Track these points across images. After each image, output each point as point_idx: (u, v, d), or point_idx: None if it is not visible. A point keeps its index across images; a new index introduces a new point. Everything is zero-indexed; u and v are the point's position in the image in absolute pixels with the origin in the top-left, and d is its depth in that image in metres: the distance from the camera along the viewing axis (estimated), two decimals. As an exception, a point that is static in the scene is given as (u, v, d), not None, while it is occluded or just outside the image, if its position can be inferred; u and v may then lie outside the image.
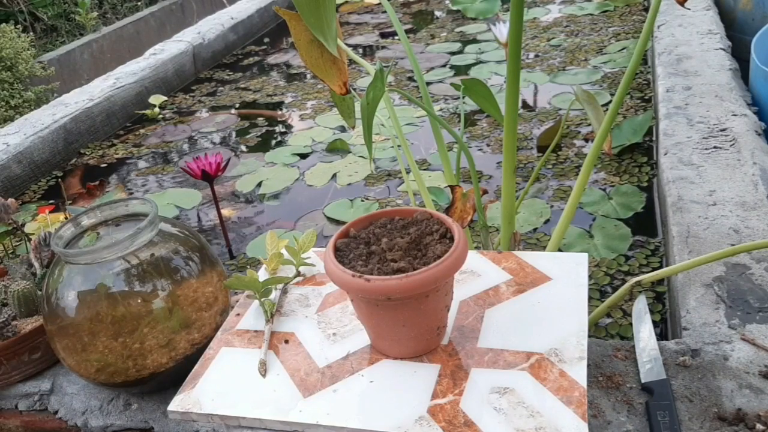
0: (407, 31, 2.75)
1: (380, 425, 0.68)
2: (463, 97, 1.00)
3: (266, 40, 2.98)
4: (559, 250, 1.05)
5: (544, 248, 1.26)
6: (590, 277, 1.15)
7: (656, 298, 1.08)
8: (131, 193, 1.75)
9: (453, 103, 1.99)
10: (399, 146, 1.60)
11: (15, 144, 1.83)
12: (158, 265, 0.80)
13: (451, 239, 0.73)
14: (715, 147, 1.21)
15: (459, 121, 1.82)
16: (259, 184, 1.69)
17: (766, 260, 0.90)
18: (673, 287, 0.97)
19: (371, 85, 0.79)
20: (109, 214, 0.85)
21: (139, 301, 0.78)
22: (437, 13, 3.00)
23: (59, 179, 1.87)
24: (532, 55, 2.28)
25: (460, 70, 2.26)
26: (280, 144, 1.92)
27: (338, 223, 1.47)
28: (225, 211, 1.58)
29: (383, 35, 2.82)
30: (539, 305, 0.81)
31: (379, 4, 3.16)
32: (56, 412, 0.86)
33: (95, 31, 3.68)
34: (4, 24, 2.91)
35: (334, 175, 1.68)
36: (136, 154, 1.98)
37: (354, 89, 2.19)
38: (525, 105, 1.92)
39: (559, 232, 1.01)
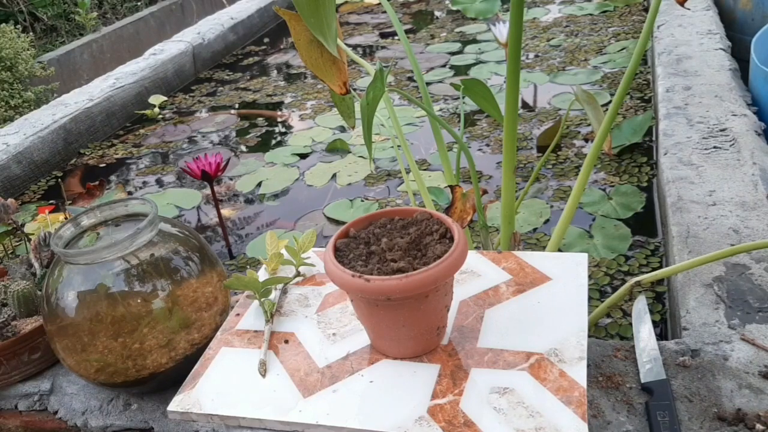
0: (407, 31, 2.75)
1: (380, 425, 0.68)
2: (463, 97, 1.00)
3: (266, 40, 2.98)
4: (559, 250, 1.05)
5: (544, 248, 1.26)
6: (590, 277, 1.15)
7: (656, 298, 1.08)
8: (131, 193, 1.75)
9: (453, 103, 1.99)
10: (399, 146, 1.60)
11: (15, 144, 1.83)
12: (158, 265, 0.80)
13: (451, 239, 0.73)
14: (714, 147, 1.21)
15: (459, 121, 1.82)
16: (259, 184, 1.69)
17: (766, 260, 0.90)
18: (673, 287, 0.97)
19: (371, 85, 0.79)
20: (108, 214, 0.85)
21: (139, 301, 0.78)
22: (437, 13, 3.00)
23: (59, 179, 1.87)
24: (532, 55, 2.28)
25: (460, 70, 2.26)
26: (280, 144, 1.92)
27: (338, 223, 1.47)
28: (225, 211, 1.58)
29: (383, 35, 2.82)
30: (539, 305, 0.81)
31: (379, 4, 3.16)
32: (56, 413, 0.86)
33: (95, 31, 3.68)
34: (4, 24, 2.91)
35: (334, 175, 1.68)
36: (135, 154, 1.98)
37: (354, 89, 2.19)
38: (525, 105, 1.92)
39: (559, 232, 1.01)
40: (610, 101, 1.79)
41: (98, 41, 3.64)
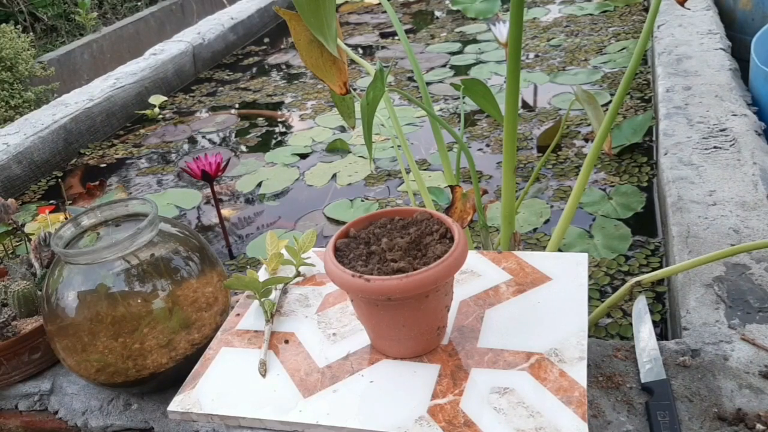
0: (407, 31, 2.75)
1: (380, 425, 0.68)
2: (463, 97, 1.00)
3: (266, 40, 2.98)
4: (559, 250, 1.05)
5: (544, 248, 1.26)
6: (590, 277, 1.15)
7: (656, 298, 1.08)
8: (131, 194, 1.75)
9: (453, 103, 1.99)
10: (399, 146, 1.60)
11: (15, 144, 1.83)
12: (158, 265, 0.80)
13: (451, 239, 0.73)
14: (715, 147, 1.21)
15: (459, 121, 1.82)
16: (259, 184, 1.69)
17: (766, 260, 0.90)
18: (673, 287, 0.97)
19: (371, 85, 0.79)
20: (109, 214, 0.85)
21: (139, 301, 0.78)
22: (437, 13, 3.00)
23: (59, 179, 1.87)
24: (532, 55, 2.28)
25: (460, 70, 2.26)
26: (280, 144, 1.92)
27: (338, 223, 1.47)
28: (225, 211, 1.58)
29: (383, 35, 2.82)
30: (539, 305, 0.81)
31: (379, 4, 3.16)
32: (56, 413, 0.86)
33: (95, 32, 3.68)
34: (4, 24, 2.91)
35: (334, 175, 1.68)
36: (136, 154, 1.98)
37: (354, 89, 2.19)
38: (525, 105, 1.92)
39: (559, 232, 1.01)
40: (610, 101, 1.79)
41: (98, 41, 3.64)
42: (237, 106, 2.27)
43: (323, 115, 2.06)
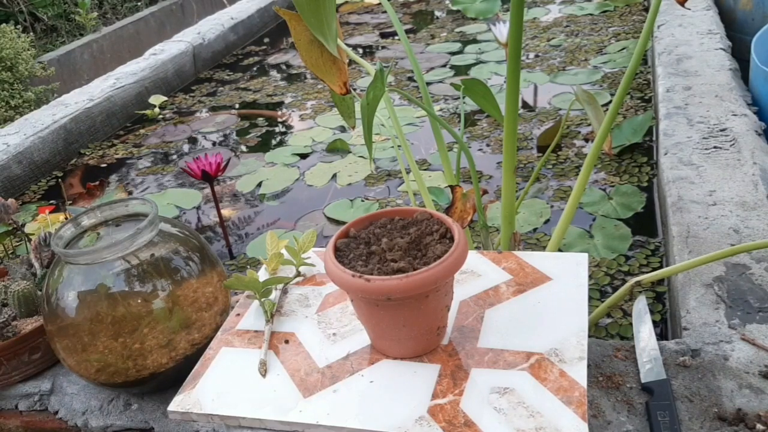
0: (407, 31, 2.75)
1: (380, 425, 0.68)
2: (463, 97, 1.00)
3: (266, 40, 2.98)
4: (559, 250, 1.05)
5: (544, 248, 1.26)
6: (590, 277, 1.15)
7: (656, 298, 1.08)
8: (131, 193, 1.75)
9: (453, 103, 1.99)
10: (399, 146, 1.60)
11: (15, 144, 1.83)
12: (158, 265, 0.80)
13: (451, 239, 0.73)
14: (715, 147, 1.21)
15: (459, 121, 1.82)
16: (259, 184, 1.69)
17: (766, 260, 0.90)
18: (673, 287, 0.97)
19: (371, 85, 0.79)
20: (109, 214, 0.85)
21: (140, 301, 0.78)
22: (437, 13, 3.00)
23: (59, 179, 1.87)
24: (532, 55, 2.28)
25: (460, 70, 2.26)
26: (280, 144, 1.92)
27: (338, 223, 1.47)
28: (225, 211, 1.58)
29: (383, 35, 2.82)
30: (539, 305, 0.81)
31: (379, 4, 3.16)
32: (56, 413, 0.86)
33: (95, 32, 3.68)
34: (4, 24, 2.91)
35: (334, 175, 1.68)
36: (136, 154, 1.98)
37: (354, 89, 2.18)
38: (525, 105, 1.92)
39: (559, 232, 1.01)
40: (610, 101, 1.79)
41: (98, 41, 3.64)
42: (237, 106, 2.27)
43: (323, 115, 2.06)
